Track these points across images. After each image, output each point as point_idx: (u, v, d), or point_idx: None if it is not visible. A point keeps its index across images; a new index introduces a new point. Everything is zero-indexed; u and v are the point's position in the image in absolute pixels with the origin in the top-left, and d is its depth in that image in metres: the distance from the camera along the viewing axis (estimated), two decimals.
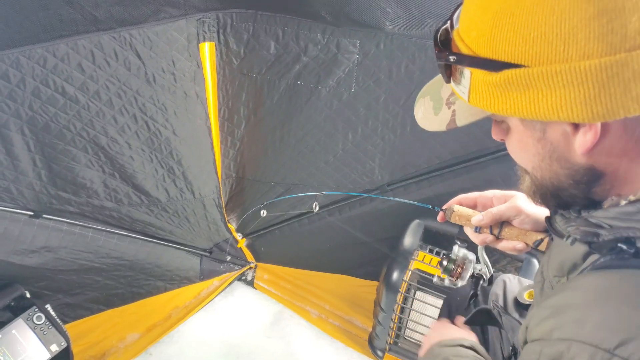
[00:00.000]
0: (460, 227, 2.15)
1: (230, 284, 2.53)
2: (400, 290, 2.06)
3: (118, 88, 1.82)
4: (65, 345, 2.03)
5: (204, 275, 2.52)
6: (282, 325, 2.40)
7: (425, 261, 2.07)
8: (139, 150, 2.00)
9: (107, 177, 2.03)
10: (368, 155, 2.11)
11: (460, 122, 0.77)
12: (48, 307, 2.06)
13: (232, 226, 2.48)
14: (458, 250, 1.46)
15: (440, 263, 1.90)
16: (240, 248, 2.55)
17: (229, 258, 2.54)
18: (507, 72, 0.61)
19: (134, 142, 1.97)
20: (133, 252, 2.31)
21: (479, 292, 1.53)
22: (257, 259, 2.63)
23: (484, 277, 1.70)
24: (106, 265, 2.27)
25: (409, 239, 2.15)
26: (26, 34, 1.61)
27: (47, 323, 2.03)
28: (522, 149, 0.76)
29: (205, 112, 2.04)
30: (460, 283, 1.78)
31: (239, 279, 2.59)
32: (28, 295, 2.08)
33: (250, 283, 2.61)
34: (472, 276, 1.92)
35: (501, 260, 2.16)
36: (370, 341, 2.30)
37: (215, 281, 2.54)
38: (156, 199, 2.16)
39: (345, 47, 1.82)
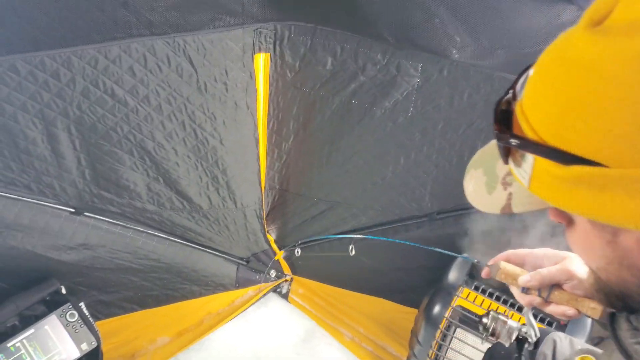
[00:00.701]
0: None
1: (265, 294, 2.48)
2: (440, 326, 1.96)
3: (168, 94, 1.78)
4: (96, 345, 2.01)
5: (240, 284, 2.47)
6: (313, 344, 2.33)
7: (469, 299, 1.96)
8: (185, 157, 1.96)
9: (151, 180, 2.00)
10: (419, 181, 2.00)
11: (518, 208, 0.66)
12: (82, 305, 2.05)
13: (271, 237, 2.43)
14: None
15: (481, 321, 1.79)
16: (277, 260, 2.49)
17: (269, 271, 2.48)
18: (578, 168, 0.50)
19: (181, 149, 1.93)
20: (171, 255, 2.29)
21: (523, 356, 1.41)
22: (294, 272, 2.57)
23: (530, 340, 1.59)
24: (143, 267, 2.24)
25: (455, 274, 2.03)
26: (79, 33, 1.58)
27: (80, 321, 2.02)
28: (586, 248, 0.64)
29: (254, 123, 1.98)
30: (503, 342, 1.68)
31: (274, 290, 2.54)
32: (64, 291, 2.08)
33: (285, 296, 2.55)
34: (517, 338, 1.80)
35: None
36: None
37: (250, 290, 2.49)
38: (198, 206, 2.12)
39: (405, 70, 1.73)
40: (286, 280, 2.55)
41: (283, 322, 2.43)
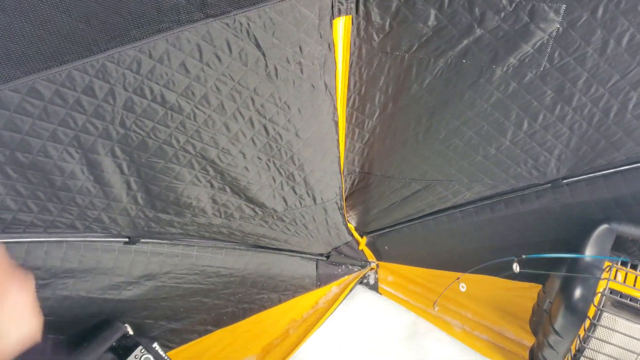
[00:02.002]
0: None
1: (351, 289, 2.15)
2: (590, 316, 1.63)
3: (231, 88, 1.37)
4: None
5: (321, 281, 2.14)
6: (419, 341, 2.02)
7: (627, 282, 1.62)
8: (254, 159, 1.57)
9: (217, 192, 1.62)
10: (545, 146, 1.62)
11: None
12: (156, 346, 1.74)
13: (351, 225, 2.07)
14: None
15: None
16: (362, 250, 2.14)
17: (353, 262, 2.15)
18: None
19: (249, 151, 1.54)
20: (242, 266, 1.95)
21: None
22: (379, 258, 2.22)
23: None
24: (214, 285, 1.91)
25: (594, 249, 1.68)
26: (114, 32, 1.15)
27: None
28: None
29: (333, 104, 1.57)
30: None
31: (361, 282, 2.20)
32: (131, 332, 1.76)
33: (374, 287, 2.22)
34: None
35: None
36: None
37: (334, 287, 2.16)
38: (272, 210, 1.75)
39: (542, 14, 1.30)
40: (372, 269, 2.21)
41: (379, 319, 2.12)
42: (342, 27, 1.42)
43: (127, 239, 1.66)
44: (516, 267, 1.45)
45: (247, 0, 1.23)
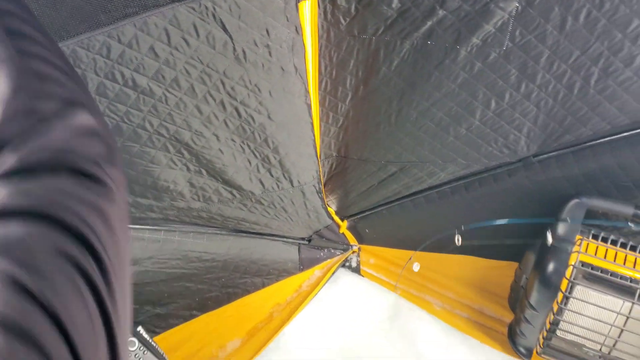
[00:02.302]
0: (638, 207, 1.72)
1: (334, 272, 2.19)
2: (562, 289, 1.67)
3: (201, 72, 1.41)
4: None
5: (304, 265, 2.18)
6: (402, 321, 2.06)
7: (589, 252, 1.66)
8: (228, 141, 1.61)
9: (193, 175, 1.66)
10: (514, 125, 1.65)
11: None
12: (140, 330, 1.78)
13: (332, 209, 2.10)
14: None
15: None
16: (342, 233, 2.18)
17: (334, 245, 2.19)
18: None
19: (223, 133, 1.58)
20: (224, 251, 1.99)
21: None
22: (360, 241, 2.26)
23: None
24: (197, 270, 1.95)
25: (567, 224, 1.72)
26: (82, 18, 1.19)
27: (142, 348, 1.76)
28: None
29: (304, 87, 1.61)
30: None
31: (343, 265, 2.24)
32: None
33: (357, 270, 2.26)
34: None
35: None
36: (512, 337, 1.94)
37: (316, 270, 2.20)
38: (250, 192, 1.79)
39: None
40: (354, 252, 2.25)
41: (361, 301, 2.15)
42: (308, 11, 1.46)
43: None
44: (458, 240, 1.48)
45: None
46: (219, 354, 2.05)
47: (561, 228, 1.72)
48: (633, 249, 1.66)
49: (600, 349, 1.74)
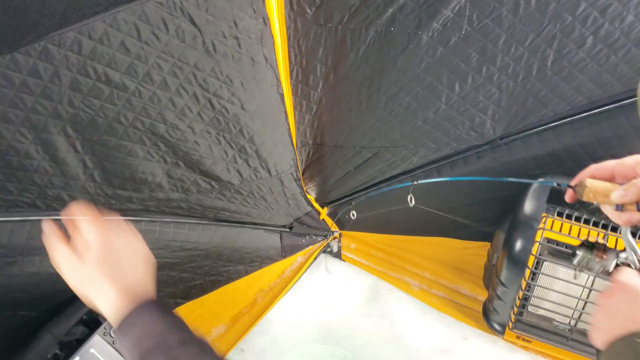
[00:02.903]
0: None
1: (315, 258, 2.25)
2: (529, 265, 1.74)
3: (172, 65, 1.46)
4: None
5: (286, 252, 2.24)
6: (381, 302, 2.13)
7: (555, 229, 1.72)
8: (204, 133, 1.66)
9: (171, 167, 1.71)
10: (478, 107, 1.71)
11: None
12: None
13: (311, 196, 2.16)
14: None
15: (574, 254, 1.58)
16: (323, 220, 2.24)
17: (315, 231, 2.25)
18: None
19: (198, 125, 1.63)
20: (207, 240, 2.04)
21: None
22: (341, 227, 2.32)
23: (634, 266, 1.39)
24: (180, 259, 2.00)
25: (532, 203, 1.79)
26: (52, 15, 1.23)
27: None
28: None
29: (276, 77, 1.66)
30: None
31: (324, 251, 2.30)
32: None
33: (337, 255, 2.32)
34: (617, 265, 1.59)
35: None
36: (486, 314, 2.01)
37: (298, 257, 2.26)
38: (228, 183, 1.84)
39: None
40: (335, 238, 2.31)
41: (342, 284, 2.22)
42: (274, 2, 1.51)
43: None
44: (411, 200, 1.53)
45: None
46: None
47: (527, 206, 1.79)
48: (596, 224, 1.72)
49: (569, 322, 1.81)
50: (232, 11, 1.44)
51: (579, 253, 1.63)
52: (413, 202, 1.77)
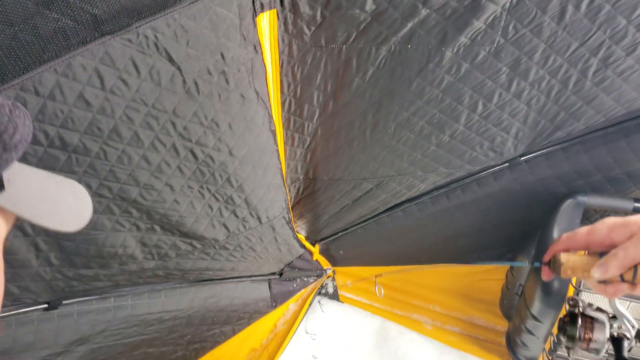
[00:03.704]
0: (637, 200, 1.61)
1: (310, 304, 1.96)
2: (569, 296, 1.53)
3: (146, 114, 1.13)
4: None
5: (277, 302, 1.94)
6: (392, 348, 1.88)
7: None
8: (184, 189, 1.34)
9: (145, 234, 1.38)
10: (501, 126, 1.49)
11: None
12: None
13: (301, 235, 1.88)
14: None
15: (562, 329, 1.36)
16: (316, 260, 1.96)
17: (307, 274, 1.96)
18: None
19: (177, 181, 1.30)
20: (187, 305, 1.72)
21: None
22: (334, 264, 2.05)
23: (627, 335, 1.23)
24: (158, 332, 1.67)
25: (563, 225, 1.59)
26: None
27: None
28: None
29: (268, 113, 1.36)
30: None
31: (319, 293, 2.03)
32: None
33: (334, 296, 2.05)
34: (612, 337, 1.40)
35: None
36: (512, 348, 1.81)
37: (291, 305, 1.97)
38: (212, 240, 1.53)
39: None
40: (329, 277, 2.04)
41: (344, 330, 1.95)
42: (267, 24, 1.21)
43: (46, 305, 1.39)
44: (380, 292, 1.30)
45: (150, 8, 0.99)
46: None
47: (558, 231, 1.59)
48: None
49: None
50: (218, 40, 1.12)
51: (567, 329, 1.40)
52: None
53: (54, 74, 0.95)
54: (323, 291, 2.03)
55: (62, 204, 0.67)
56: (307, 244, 1.90)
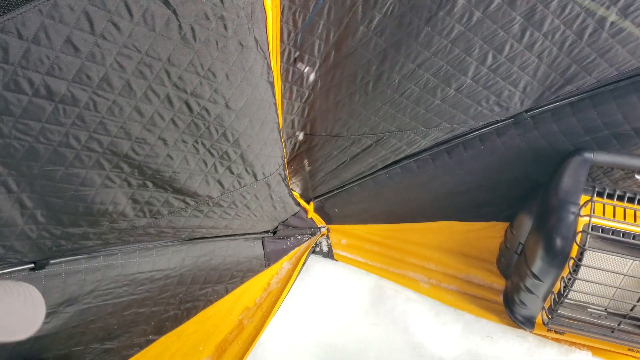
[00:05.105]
0: None
1: (304, 262, 1.92)
2: (572, 256, 1.51)
3: (139, 62, 1.04)
4: None
5: (270, 260, 1.89)
6: (388, 306, 1.85)
7: (597, 213, 1.50)
8: (178, 143, 1.26)
9: (136, 190, 1.31)
10: (510, 80, 1.43)
11: None
12: None
13: (296, 193, 1.82)
14: None
15: None
16: (311, 218, 1.91)
17: (302, 232, 1.92)
18: None
19: (171, 135, 1.23)
20: (178, 264, 1.67)
21: None
22: (328, 222, 2.00)
23: None
24: (149, 292, 1.62)
25: (570, 183, 1.55)
26: None
27: None
28: None
29: (267, 62, 1.27)
30: None
31: (313, 251, 1.98)
32: None
33: (329, 254, 2.00)
34: None
35: None
36: (510, 307, 1.79)
37: (285, 263, 1.92)
38: (207, 197, 1.46)
39: None
40: (323, 235, 1.99)
41: (340, 289, 1.91)
42: None
43: (32, 265, 1.32)
44: None
45: None
46: None
47: (564, 188, 1.55)
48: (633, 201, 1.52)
49: (607, 307, 1.63)
50: None
51: None
52: None
53: (38, 15, 0.86)
54: (317, 249, 1.99)
55: (12, 313, 0.62)
56: (302, 202, 1.85)
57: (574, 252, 1.51)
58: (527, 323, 1.75)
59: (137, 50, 1.02)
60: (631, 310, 1.55)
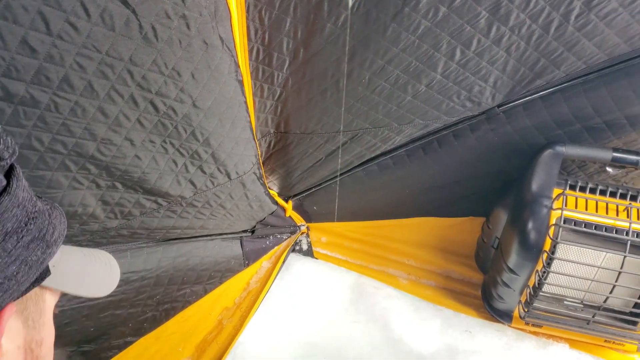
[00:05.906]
0: (616, 150, 1.58)
1: (284, 261, 1.92)
2: (546, 249, 1.52)
3: (99, 63, 1.04)
4: None
5: (249, 259, 1.89)
6: (368, 303, 1.85)
7: (569, 206, 1.51)
8: (146, 143, 1.26)
9: (105, 191, 1.30)
10: (479, 75, 1.43)
11: None
12: None
13: (274, 192, 1.81)
14: None
15: None
16: (290, 217, 1.91)
17: (281, 231, 1.91)
18: None
19: (138, 135, 1.22)
20: (154, 265, 1.66)
21: None
22: (308, 220, 2.00)
23: None
24: (125, 294, 1.61)
25: (542, 177, 1.55)
26: None
27: None
28: None
29: (234, 61, 1.27)
30: None
31: (293, 250, 1.98)
32: None
33: (309, 253, 2.00)
34: None
35: None
36: (488, 302, 1.79)
37: (264, 262, 1.92)
38: (179, 197, 1.46)
39: None
40: (303, 233, 1.99)
41: (319, 287, 1.91)
42: None
43: None
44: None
45: None
46: None
47: (536, 182, 1.55)
48: (613, 194, 1.53)
49: (582, 299, 1.64)
50: None
51: None
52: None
53: None
54: (297, 248, 1.99)
55: (95, 274, 0.76)
56: (280, 200, 1.84)
57: (548, 245, 1.52)
58: (505, 317, 1.76)
59: (97, 51, 1.01)
60: (604, 302, 1.56)
